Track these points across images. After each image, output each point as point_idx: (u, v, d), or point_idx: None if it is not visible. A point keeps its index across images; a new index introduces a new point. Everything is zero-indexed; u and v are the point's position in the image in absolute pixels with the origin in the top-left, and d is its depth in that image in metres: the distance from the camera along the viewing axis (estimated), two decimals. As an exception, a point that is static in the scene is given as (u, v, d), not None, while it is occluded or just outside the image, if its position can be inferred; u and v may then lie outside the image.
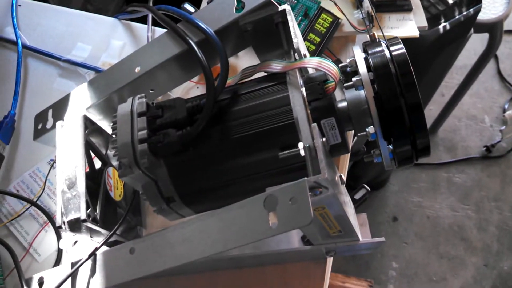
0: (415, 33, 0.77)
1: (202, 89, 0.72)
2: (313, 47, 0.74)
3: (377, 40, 0.48)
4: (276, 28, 0.50)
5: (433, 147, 1.76)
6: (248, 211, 0.42)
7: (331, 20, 0.76)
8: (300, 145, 0.43)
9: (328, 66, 0.46)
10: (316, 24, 0.75)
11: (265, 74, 0.51)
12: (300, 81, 0.47)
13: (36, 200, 0.65)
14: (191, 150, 0.48)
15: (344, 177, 0.54)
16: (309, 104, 0.46)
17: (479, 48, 1.41)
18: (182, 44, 0.52)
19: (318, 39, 0.75)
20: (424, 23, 0.79)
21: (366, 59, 0.47)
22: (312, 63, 0.46)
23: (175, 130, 0.47)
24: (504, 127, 1.76)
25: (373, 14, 0.76)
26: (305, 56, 0.49)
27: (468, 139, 1.78)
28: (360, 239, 0.57)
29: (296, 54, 0.48)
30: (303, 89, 0.46)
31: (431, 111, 1.76)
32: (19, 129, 0.71)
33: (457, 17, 1.09)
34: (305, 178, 0.40)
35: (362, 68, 0.46)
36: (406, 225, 1.63)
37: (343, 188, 0.53)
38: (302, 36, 0.75)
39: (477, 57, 1.42)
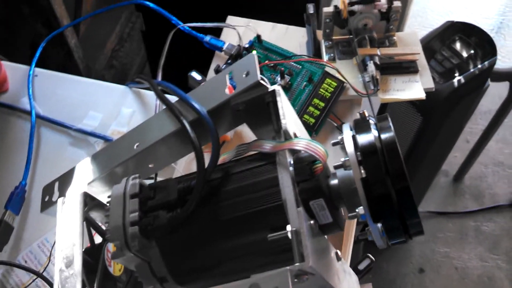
0: (422, 96, 0.77)
1: (207, 157, 0.73)
2: (318, 112, 0.75)
3: (367, 118, 0.48)
4: (267, 106, 0.51)
5: (459, 195, 1.72)
6: (232, 300, 0.41)
7: (335, 84, 0.76)
8: (288, 227, 0.43)
9: (316, 148, 0.46)
10: (321, 89, 0.76)
11: (258, 151, 0.51)
12: (290, 161, 0.47)
13: (43, 272, 0.66)
14: (182, 231, 0.48)
15: (346, 252, 0.54)
16: (297, 184, 0.46)
17: (503, 92, 1.39)
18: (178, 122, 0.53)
19: (322, 104, 0.75)
20: (431, 84, 0.79)
21: (354, 138, 0.47)
22: (300, 145, 0.46)
23: (166, 211, 0.47)
24: (532, 173, 1.72)
25: (377, 77, 0.76)
26: (295, 135, 0.49)
27: (495, 186, 1.73)
28: (362, 314, 0.56)
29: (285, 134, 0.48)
30: (292, 169, 0.46)
31: (456, 158, 1.73)
32: (29, 198, 0.73)
33: (471, 70, 1.08)
34: (288, 267, 0.40)
35: (350, 148, 0.46)
36: (433, 277, 1.59)
37: (340, 264, 0.53)
38: (307, 101, 0.75)
39: (501, 101, 1.39)
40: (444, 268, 1.60)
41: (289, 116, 0.50)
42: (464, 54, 1.10)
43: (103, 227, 0.61)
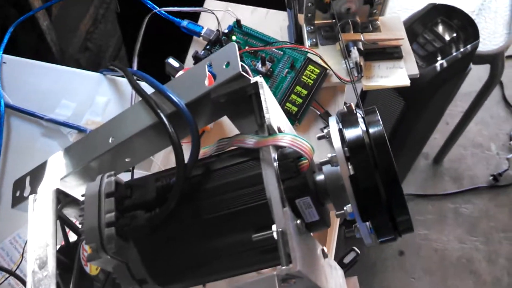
0: (406, 83, 0.75)
1: (186, 149, 0.70)
2: (300, 100, 0.72)
3: (354, 111, 0.46)
4: (250, 99, 0.48)
5: (439, 177, 1.73)
6: (216, 305, 0.40)
7: (318, 71, 0.74)
8: (274, 227, 0.41)
9: (301, 144, 0.44)
10: (303, 76, 0.74)
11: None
12: (274, 156, 0.45)
13: (15, 270, 0.63)
14: (161, 231, 0.46)
15: (330, 246, 0.52)
16: (282, 182, 0.44)
17: (483, 74, 1.38)
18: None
19: (305, 92, 0.73)
20: (415, 70, 0.78)
21: (341, 132, 0.45)
22: (285, 141, 0.44)
23: (144, 211, 0.45)
24: (511, 155, 1.73)
25: (361, 63, 0.74)
26: (279, 130, 0.47)
27: (474, 168, 1.74)
28: (348, 310, 0.55)
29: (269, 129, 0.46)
30: (276, 166, 0.44)
31: (436, 140, 1.73)
32: (0, 192, 0.69)
33: (454, 54, 1.07)
34: (274, 273, 0.38)
35: (337, 143, 0.44)
36: (413, 259, 1.59)
37: (326, 261, 0.51)
38: (289, 89, 0.73)
39: (481, 84, 1.39)
40: (424, 250, 1.61)
41: (272, 110, 0.47)
42: (447, 38, 1.09)
43: (78, 224, 0.58)
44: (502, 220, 1.65)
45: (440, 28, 1.10)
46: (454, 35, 1.09)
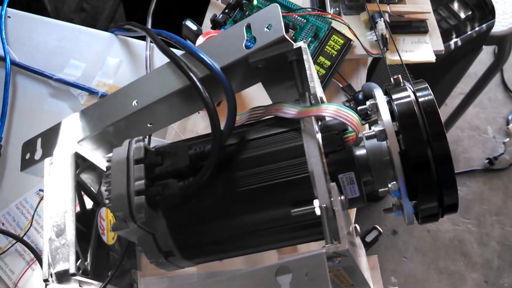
0: (431, 58, 0.73)
1: (204, 116, 0.67)
2: (323, 71, 0.69)
3: (402, 85, 0.44)
4: (290, 65, 0.46)
5: (435, 158, 1.72)
6: (258, 282, 0.37)
7: (342, 42, 0.71)
8: (316, 202, 0.39)
9: (347, 115, 0.41)
10: (327, 46, 0.70)
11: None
12: (316, 128, 0.42)
13: (23, 236, 0.60)
14: (193, 201, 0.43)
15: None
16: (326, 156, 0.41)
17: (484, 56, 1.36)
18: (185, 79, 0.47)
19: (328, 63, 0.70)
20: (441, 46, 0.75)
21: (389, 103, 0.42)
22: (330, 111, 0.41)
23: (176, 180, 0.42)
24: (507, 139, 1.72)
25: (387, 36, 0.71)
26: (321, 100, 0.44)
27: (470, 150, 1.74)
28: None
29: (311, 98, 0.43)
30: (320, 138, 0.42)
31: (434, 121, 1.71)
32: (6, 154, 0.66)
33: (469, 32, 1.04)
34: (323, 250, 0.35)
35: (386, 116, 0.41)
36: (405, 238, 1.59)
37: (357, 239, 0.49)
38: (312, 59, 0.70)
39: (482, 65, 1.37)
40: (417, 230, 1.61)
41: (316, 76, 0.45)
42: (462, 15, 1.06)
43: (93, 190, 0.55)
44: (495, 203, 1.66)
45: (455, 5, 1.07)
46: (470, 13, 1.06)
